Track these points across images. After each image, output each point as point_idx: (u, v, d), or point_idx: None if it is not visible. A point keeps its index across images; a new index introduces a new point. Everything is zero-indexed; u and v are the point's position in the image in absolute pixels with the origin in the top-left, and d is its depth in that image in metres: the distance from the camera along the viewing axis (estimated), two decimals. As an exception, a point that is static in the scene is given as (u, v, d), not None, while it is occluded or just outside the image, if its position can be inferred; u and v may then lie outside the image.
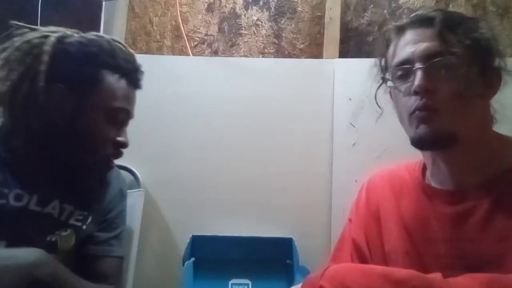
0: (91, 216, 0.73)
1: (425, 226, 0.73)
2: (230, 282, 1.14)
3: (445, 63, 0.67)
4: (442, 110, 0.67)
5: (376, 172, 0.93)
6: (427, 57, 0.68)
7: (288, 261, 1.13)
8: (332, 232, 1.18)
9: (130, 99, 0.77)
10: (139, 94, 1.36)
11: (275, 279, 1.14)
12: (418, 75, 0.68)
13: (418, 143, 0.72)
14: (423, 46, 0.69)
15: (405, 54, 0.71)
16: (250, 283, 1.14)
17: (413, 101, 0.69)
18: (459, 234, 0.68)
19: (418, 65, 0.69)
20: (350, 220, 0.90)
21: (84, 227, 0.72)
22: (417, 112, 0.69)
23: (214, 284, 1.13)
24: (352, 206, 0.93)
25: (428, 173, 0.80)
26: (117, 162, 1.25)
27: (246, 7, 1.46)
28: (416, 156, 1.22)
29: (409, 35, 0.71)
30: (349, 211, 0.94)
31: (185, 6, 1.48)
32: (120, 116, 0.76)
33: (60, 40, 0.69)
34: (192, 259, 1.13)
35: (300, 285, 0.69)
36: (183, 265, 1.12)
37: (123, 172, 1.25)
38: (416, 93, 0.68)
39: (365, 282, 0.60)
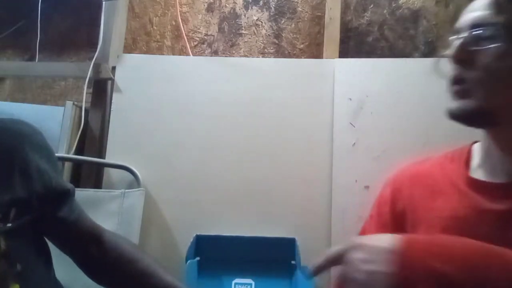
0: (13, 209, 0.63)
1: (466, 225, 0.65)
2: (233, 282, 1.14)
3: (486, 35, 0.60)
4: (475, 85, 0.62)
5: (402, 169, 0.84)
6: (471, 27, 0.63)
7: (292, 261, 1.13)
8: (332, 232, 1.18)
9: None
10: (139, 94, 1.37)
11: (278, 279, 1.14)
12: (455, 45, 0.64)
13: (449, 117, 0.67)
14: (471, 15, 0.64)
15: (458, 24, 0.66)
16: (253, 283, 1.14)
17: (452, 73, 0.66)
18: (507, 233, 0.60)
19: (460, 35, 0.64)
20: (371, 216, 0.84)
21: (10, 224, 0.62)
22: (452, 86, 0.66)
23: (217, 283, 1.14)
24: (374, 202, 0.86)
25: (474, 164, 0.72)
26: (118, 162, 1.27)
27: (246, 7, 1.46)
28: (416, 156, 1.22)
29: (471, 3, 0.66)
30: (370, 207, 0.87)
31: (185, 6, 1.48)
32: None
33: None
34: (197, 258, 1.14)
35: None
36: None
37: (123, 172, 1.25)
38: (452, 63, 0.64)
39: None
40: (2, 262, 0.62)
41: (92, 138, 1.34)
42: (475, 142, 0.76)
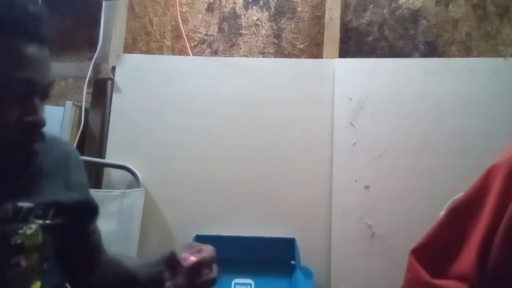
0: (52, 209, 0.70)
1: None
2: (233, 282, 1.15)
3: None
4: None
5: None
6: None
7: (292, 261, 1.14)
8: (332, 232, 1.18)
9: (34, 63, 0.60)
10: (139, 94, 1.37)
11: (278, 279, 1.14)
12: None
13: None
14: None
15: None
16: (253, 282, 1.14)
17: None
18: None
19: None
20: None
21: (48, 221, 0.69)
22: None
23: (217, 283, 1.14)
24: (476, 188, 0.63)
25: None
26: (118, 162, 1.27)
27: (246, 7, 1.46)
28: (417, 156, 1.22)
29: None
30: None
31: (185, 6, 1.48)
32: (23, 88, 0.60)
33: None
34: None
35: None
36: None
37: (123, 172, 1.25)
38: None
39: None
40: (35, 256, 0.67)
41: (92, 138, 1.34)
42: None
